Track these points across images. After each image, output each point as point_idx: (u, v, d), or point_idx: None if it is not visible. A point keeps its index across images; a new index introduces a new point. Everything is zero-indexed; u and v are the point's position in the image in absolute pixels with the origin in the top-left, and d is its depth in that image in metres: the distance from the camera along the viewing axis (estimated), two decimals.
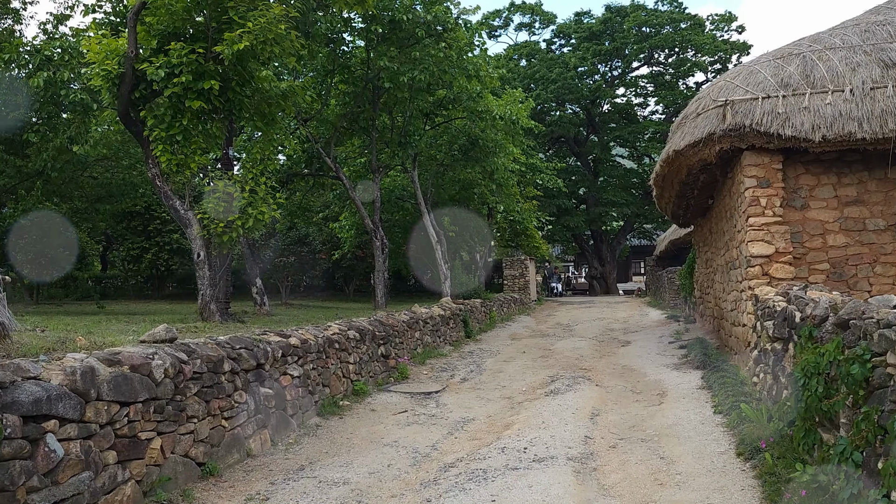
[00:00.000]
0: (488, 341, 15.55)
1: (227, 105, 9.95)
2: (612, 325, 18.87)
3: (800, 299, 5.93)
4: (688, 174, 11.01)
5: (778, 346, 6.66)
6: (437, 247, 19.83)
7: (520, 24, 41.54)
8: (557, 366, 11.41)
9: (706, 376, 9.21)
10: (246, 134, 16.85)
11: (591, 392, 9.07)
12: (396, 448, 6.77)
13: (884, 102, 8.15)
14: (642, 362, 11.35)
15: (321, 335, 8.51)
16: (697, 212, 14.63)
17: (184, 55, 9.20)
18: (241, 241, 14.36)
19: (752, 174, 8.88)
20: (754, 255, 8.78)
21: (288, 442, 6.94)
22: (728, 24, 36.31)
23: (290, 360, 7.56)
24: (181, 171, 9.79)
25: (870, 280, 8.79)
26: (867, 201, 8.88)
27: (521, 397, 9.03)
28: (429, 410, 8.46)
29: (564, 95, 35.95)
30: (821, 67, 8.70)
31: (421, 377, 10.64)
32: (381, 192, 23.27)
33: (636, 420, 7.46)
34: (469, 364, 11.96)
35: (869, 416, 3.33)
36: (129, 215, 22.47)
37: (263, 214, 9.99)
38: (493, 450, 6.53)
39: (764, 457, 5.21)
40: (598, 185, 39.40)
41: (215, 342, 6.46)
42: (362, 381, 9.35)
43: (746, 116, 8.61)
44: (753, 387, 7.77)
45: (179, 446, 5.47)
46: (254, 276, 13.93)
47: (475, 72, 16.56)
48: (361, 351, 9.61)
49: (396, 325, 11.25)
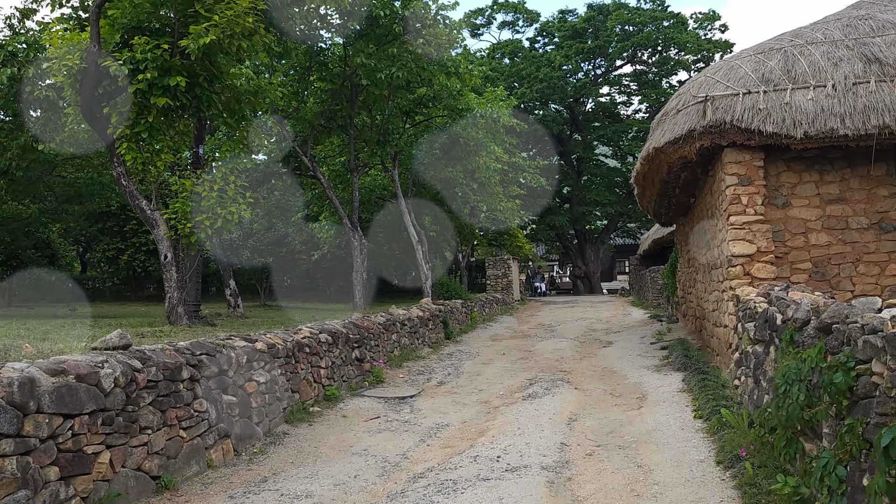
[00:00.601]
0: (468, 342, 15.30)
1: (194, 102, 9.62)
2: (594, 325, 18.69)
3: (781, 301, 5.73)
4: (669, 172, 10.81)
5: (759, 348, 6.45)
6: (418, 247, 19.58)
7: (503, 23, 41.33)
8: (537, 368, 11.18)
9: (687, 379, 9.01)
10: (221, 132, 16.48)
11: (569, 396, 8.84)
12: (365, 457, 6.50)
13: (866, 98, 7.98)
14: (623, 364, 11.14)
15: (290, 339, 8.22)
16: (679, 210, 14.46)
17: (148, 50, 8.87)
18: (214, 243, 14.01)
19: (732, 172, 8.69)
20: (736, 255, 8.60)
21: (252, 452, 6.64)
22: (711, 22, 36.31)
23: (256, 366, 7.26)
24: (147, 170, 9.44)
25: (853, 280, 8.63)
26: (850, 199, 8.72)
27: (499, 401, 8.78)
28: (402, 416, 8.20)
29: (549, 94, 35.79)
30: (802, 62, 8.52)
31: (397, 381, 10.37)
32: (361, 191, 23.00)
33: (614, 425, 7.23)
34: (447, 367, 11.70)
35: (853, 429, 3.11)
36: (103, 216, 22.01)
37: (233, 214, 9.67)
38: (465, 458, 6.27)
39: (744, 466, 4.99)
40: (581, 184, 39.28)
41: (174, 348, 6.16)
42: (335, 385, 9.07)
43: (727, 112, 8.41)
44: (735, 390, 7.58)
45: (131, 459, 5.17)
46: (227, 277, 13.58)
47: (454, 69, 16.30)
48: (334, 355, 9.32)
49: (372, 327, 10.97)
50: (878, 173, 8.65)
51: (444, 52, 16.04)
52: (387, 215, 24.56)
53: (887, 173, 8.63)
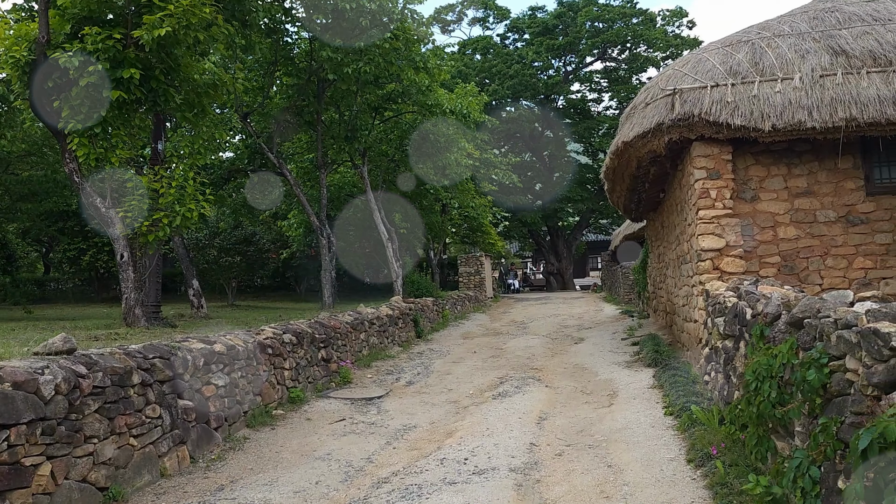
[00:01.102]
0: (440, 341, 15.10)
1: (150, 95, 9.26)
2: (566, 321, 18.63)
3: (751, 295, 5.62)
4: (638, 167, 10.72)
5: (729, 343, 6.35)
6: (389, 244, 19.33)
7: (473, 19, 41.19)
8: (508, 366, 11.03)
9: (658, 375, 8.92)
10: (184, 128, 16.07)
11: (540, 394, 8.69)
12: (328, 462, 6.27)
13: (833, 90, 7.94)
14: (594, 361, 11.04)
15: (252, 340, 7.95)
16: (649, 206, 14.43)
17: (99, 41, 8.50)
18: (176, 241, 13.62)
19: (701, 165, 8.60)
20: (705, 249, 8.51)
21: (210, 458, 6.37)
22: (679, 19, 36.53)
23: (214, 369, 6.98)
24: (101, 166, 9.07)
25: (821, 273, 8.60)
26: (817, 192, 8.69)
27: (468, 401, 8.60)
28: (368, 418, 7.97)
29: (520, 91, 35.71)
30: (770, 55, 8.46)
31: (364, 381, 10.13)
32: (330, 188, 22.68)
33: (585, 424, 7.09)
34: (417, 366, 11.49)
35: (827, 429, 2.97)
36: (63, 215, 21.36)
37: (192, 212, 9.34)
38: (432, 461, 6.07)
39: (715, 464, 4.86)
40: (553, 180, 39.30)
41: (124, 352, 5.86)
42: (299, 387, 8.81)
43: (695, 105, 8.32)
44: (705, 386, 7.49)
45: (75, 471, 4.87)
46: (190, 277, 13.21)
47: (423, 63, 16.07)
48: (299, 355, 9.06)
49: (339, 326, 10.71)
50: (846, 166, 8.63)
51: (413, 46, 15.81)
52: (357, 213, 24.24)
53: (854, 166, 8.62)
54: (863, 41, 8.25)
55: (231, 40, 13.44)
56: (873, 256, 8.52)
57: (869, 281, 8.48)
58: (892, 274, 8.43)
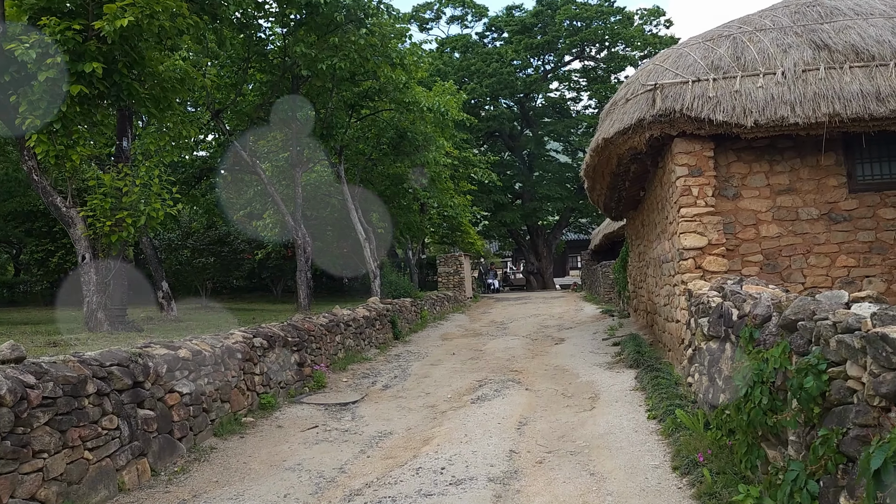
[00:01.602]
0: (418, 342, 14.82)
1: (113, 90, 8.88)
2: (546, 321, 18.44)
3: (736, 295, 5.42)
4: (618, 164, 10.53)
5: (714, 345, 6.16)
6: (366, 244, 19.02)
7: (452, 17, 40.92)
8: (487, 368, 10.78)
9: (640, 376, 8.73)
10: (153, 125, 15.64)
11: (520, 397, 8.45)
12: (299, 472, 5.97)
13: (816, 85, 7.79)
14: (575, 362, 10.83)
15: (220, 345, 7.61)
16: (630, 204, 14.27)
17: (58, 32, 8.11)
18: (145, 242, 13.20)
19: (683, 162, 8.42)
20: (687, 248, 8.33)
21: (173, 471, 6.04)
22: (656, 17, 36.58)
23: (178, 376, 6.65)
24: (61, 164, 8.67)
25: (803, 271, 8.46)
26: (800, 189, 8.54)
27: (446, 405, 8.34)
28: (342, 424, 7.67)
29: (499, 90, 35.52)
30: (752, 49, 8.30)
31: (340, 385, 9.83)
32: (307, 187, 22.30)
33: (566, 429, 6.86)
34: (394, 369, 11.21)
35: (828, 441, 2.76)
36: (30, 215, 20.73)
37: (158, 212, 8.97)
38: (407, 471, 5.80)
39: (702, 472, 4.65)
40: (533, 179, 39.18)
41: (79, 360, 5.52)
42: (271, 393, 8.49)
43: (676, 101, 8.12)
44: (688, 388, 7.30)
45: (22, 488, 4.53)
46: (159, 278, 12.79)
47: (399, 60, 15.78)
48: (270, 360, 8.74)
49: (313, 329, 10.40)
50: (828, 163, 8.50)
51: (389, 42, 15.51)
52: (335, 213, 23.89)
53: (836, 163, 8.49)
54: (845, 35, 8.12)
55: (201, 34, 13.07)
56: (856, 254, 8.40)
57: (852, 279, 8.36)
58: (875, 272, 8.31)
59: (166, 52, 11.86)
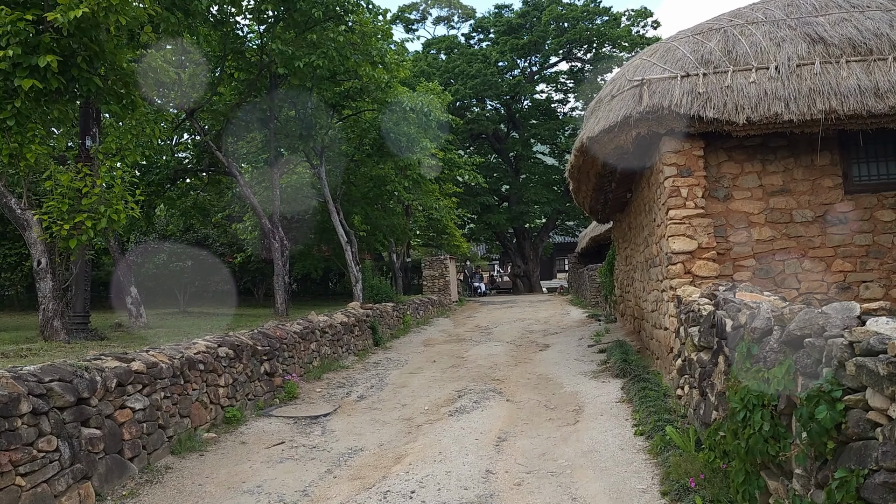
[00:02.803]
0: (399, 349, 14.36)
1: (71, 85, 8.37)
2: (532, 326, 18.03)
3: (730, 304, 5.00)
4: (604, 165, 10.10)
5: (705, 356, 5.74)
6: (347, 247, 18.55)
7: (438, 18, 40.55)
8: (468, 377, 10.34)
9: (626, 387, 8.32)
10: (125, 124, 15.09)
11: (500, 410, 8.01)
12: (258, 495, 5.50)
13: (811, 80, 7.40)
14: (559, 370, 10.40)
15: (179, 356, 7.12)
16: (616, 206, 13.88)
17: (9, 23, 7.60)
18: (112, 245, 12.65)
19: (671, 162, 8.02)
20: (676, 252, 7.92)
21: (121, 494, 5.55)
22: (644, 19, 36.32)
23: (131, 390, 6.15)
24: (15, 163, 8.14)
25: (798, 276, 8.08)
26: (794, 190, 8.16)
27: (422, 418, 7.88)
28: (311, 440, 7.20)
29: (484, 90, 35.13)
30: (743, 43, 7.91)
31: (312, 396, 9.35)
32: (287, 189, 21.77)
33: (548, 445, 6.42)
34: (371, 377, 10.74)
35: (847, 484, 2.34)
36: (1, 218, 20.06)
37: (119, 214, 8.47)
38: (374, 494, 5.35)
39: (694, 500, 4.22)
40: (519, 182, 38.80)
41: (13, 375, 5.01)
42: (237, 405, 8.00)
43: (664, 97, 7.72)
44: (678, 401, 6.89)
45: None
46: (127, 284, 12.24)
47: (381, 58, 15.32)
48: (237, 370, 8.24)
49: (285, 336, 9.91)
50: (823, 163, 8.12)
51: (370, 40, 15.05)
52: (317, 215, 23.36)
53: (832, 163, 8.12)
54: (841, 28, 7.75)
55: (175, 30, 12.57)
56: (853, 258, 8.02)
57: (848, 285, 7.99)
58: (872, 277, 7.94)
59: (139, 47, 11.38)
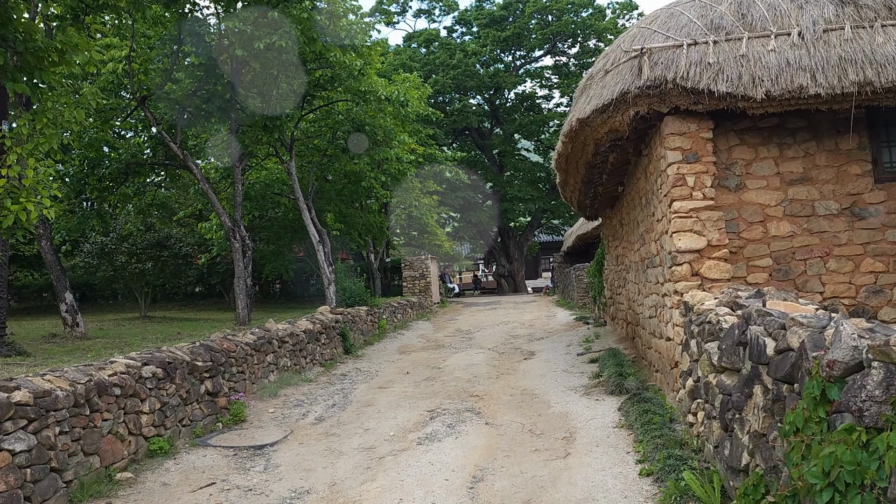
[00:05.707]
0: (371, 357, 13.14)
1: None
2: (516, 329, 16.88)
3: (769, 318, 3.85)
4: (595, 153, 8.96)
5: (728, 381, 4.59)
6: (320, 247, 17.29)
7: (419, 11, 39.30)
8: (443, 393, 9.15)
9: (624, 407, 7.16)
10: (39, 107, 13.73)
11: (477, 437, 6.82)
12: None
13: (841, 48, 6.29)
14: (546, 385, 9.23)
15: (85, 380, 5.86)
16: (606, 201, 12.76)
17: None
18: (44, 246, 11.34)
19: (675, 146, 6.88)
20: (681, 250, 6.78)
21: None
22: (629, 11, 35.31)
23: (9, 427, 4.90)
24: None
25: (822, 278, 6.97)
26: (816, 179, 7.05)
27: (386, 447, 6.68)
28: (249, 479, 5.97)
29: (465, 82, 33.92)
30: (760, 6, 6.78)
31: (263, 419, 8.11)
32: (256, 186, 20.49)
33: (533, 488, 5.24)
34: (334, 393, 9.52)
35: None
36: None
37: (28, 213, 7.20)
38: None
39: None
40: (504, 179, 37.64)
41: None
42: (166, 434, 6.76)
43: (668, 69, 6.58)
44: (689, 428, 5.74)
45: None
46: (62, 289, 10.93)
47: (350, 40, 14.08)
48: (168, 392, 7.00)
49: (233, 349, 8.66)
50: (849, 147, 7.02)
51: (336, 21, 13.82)
52: (288, 213, 22.10)
53: (860, 147, 7.01)
54: None
55: (120, 7, 11.26)
56: (884, 257, 6.93)
57: (880, 288, 6.89)
58: None
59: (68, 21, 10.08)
